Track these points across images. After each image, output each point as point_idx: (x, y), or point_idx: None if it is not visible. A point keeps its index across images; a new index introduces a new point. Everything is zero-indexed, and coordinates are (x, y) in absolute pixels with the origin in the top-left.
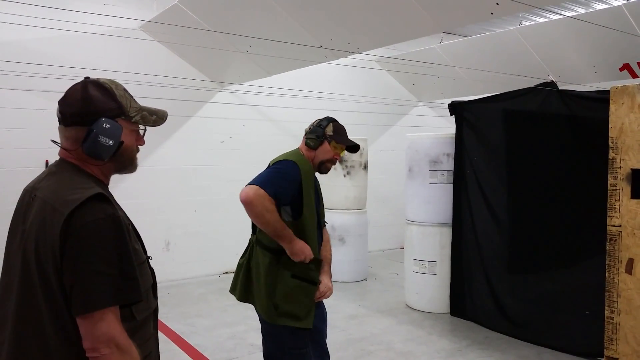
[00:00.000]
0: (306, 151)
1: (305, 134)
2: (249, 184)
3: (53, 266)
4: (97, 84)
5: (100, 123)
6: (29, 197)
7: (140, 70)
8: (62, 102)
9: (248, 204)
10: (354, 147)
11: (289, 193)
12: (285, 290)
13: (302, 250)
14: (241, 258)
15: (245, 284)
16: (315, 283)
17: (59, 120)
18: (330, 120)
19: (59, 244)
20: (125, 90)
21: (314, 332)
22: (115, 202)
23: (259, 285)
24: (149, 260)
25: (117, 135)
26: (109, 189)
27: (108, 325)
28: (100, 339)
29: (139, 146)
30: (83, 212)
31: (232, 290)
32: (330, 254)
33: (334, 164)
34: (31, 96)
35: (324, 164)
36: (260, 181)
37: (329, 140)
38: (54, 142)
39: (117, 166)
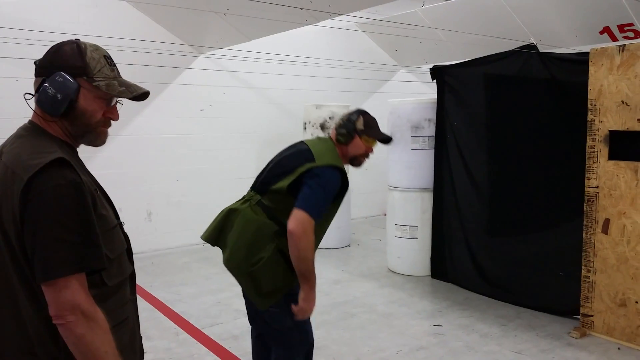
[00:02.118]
0: (341, 149)
1: (336, 129)
2: (301, 207)
3: (15, 233)
4: (75, 44)
5: (54, 75)
6: None
7: (114, 35)
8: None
9: (298, 237)
10: (386, 140)
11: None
12: (271, 268)
13: (314, 302)
14: (228, 206)
15: (217, 228)
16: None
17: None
18: (360, 113)
19: (19, 210)
20: (105, 57)
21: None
22: (82, 166)
23: (239, 245)
24: (122, 226)
25: (68, 90)
26: (82, 156)
27: (72, 292)
28: (64, 306)
29: (112, 120)
30: (43, 178)
31: (204, 234)
32: None
33: (368, 158)
34: (3, 63)
35: (357, 159)
36: (313, 209)
37: (359, 134)
38: (28, 94)
39: (75, 130)
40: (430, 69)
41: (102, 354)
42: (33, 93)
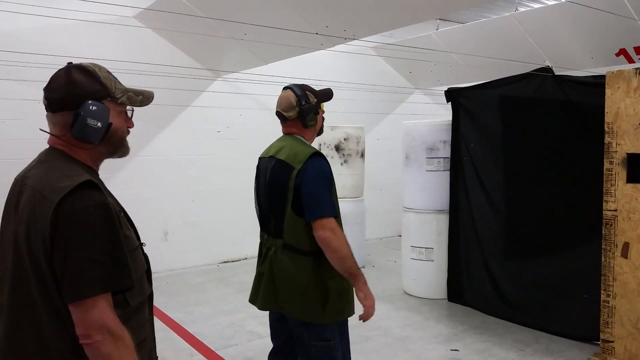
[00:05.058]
0: (310, 133)
1: (301, 119)
2: (317, 216)
3: (44, 254)
4: (81, 68)
5: (86, 106)
6: (20, 186)
7: (135, 59)
8: (47, 89)
9: (331, 240)
10: (330, 96)
11: None
12: (337, 290)
13: (372, 295)
14: (260, 265)
15: (269, 292)
16: None
17: (45, 108)
18: (301, 89)
19: (49, 232)
20: (109, 72)
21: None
22: (106, 188)
23: (296, 290)
24: (143, 247)
25: (105, 116)
26: (101, 177)
27: (100, 312)
28: (92, 326)
29: (129, 128)
30: (72, 200)
31: (253, 300)
32: None
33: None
34: (26, 86)
35: (321, 127)
36: (326, 208)
37: (318, 107)
38: (43, 130)
39: (109, 149)
40: (445, 91)
41: None
42: (48, 126)
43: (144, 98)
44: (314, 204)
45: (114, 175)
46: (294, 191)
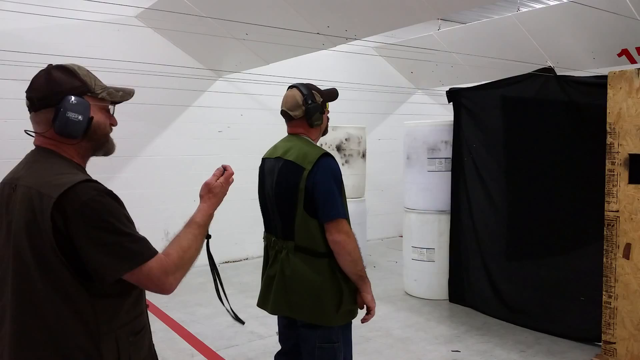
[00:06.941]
0: (315, 133)
1: (307, 119)
2: (331, 217)
3: (51, 250)
4: (60, 67)
5: (66, 100)
6: (9, 189)
7: (136, 59)
8: (28, 90)
9: (346, 242)
10: (336, 95)
11: None
12: (349, 290)
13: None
14: (269, 269)
15: (281, 296)
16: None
17: (28, 109)
18: (307, 88)
19: (52, 228)
20: (88, 71)
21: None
22: None
23: (310, 293)
24: None
25: (86, 110)
26: (102, 177)
27: (149, 272)
28: (156, 285)
29: (112, 125)
30: (76, 195)
31: (262, 304)
32: None
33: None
34: (27, 86)
35: (326, 127)
36: (339, 210)
37: (324, 107)
38: (27, 132)
39: (93, 145)
40: (446, 91)
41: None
42: (32, 126)
43: (124, 93)
44: (329, 205)
45: (115, 176)
46: (306, 192)
